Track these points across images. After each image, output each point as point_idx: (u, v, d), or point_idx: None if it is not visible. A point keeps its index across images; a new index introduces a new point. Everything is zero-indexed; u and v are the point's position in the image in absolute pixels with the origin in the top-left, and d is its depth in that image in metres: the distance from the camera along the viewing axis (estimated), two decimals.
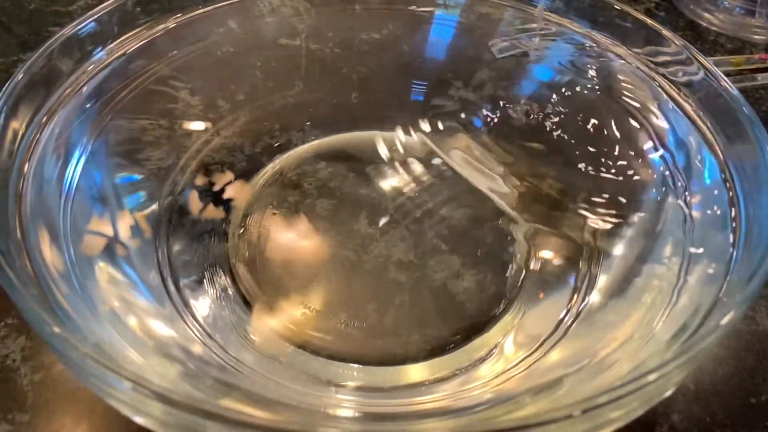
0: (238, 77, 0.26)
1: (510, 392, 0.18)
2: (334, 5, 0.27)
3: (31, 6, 0.36)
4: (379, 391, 0.19)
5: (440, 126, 0.27)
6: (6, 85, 0.18)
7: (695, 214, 0.20)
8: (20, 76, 0.19)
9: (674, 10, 0.38)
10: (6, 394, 0.20)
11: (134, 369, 0.14)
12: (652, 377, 0.13)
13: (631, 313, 0.19)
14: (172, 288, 0.20)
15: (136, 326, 0.18)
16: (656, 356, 0.16)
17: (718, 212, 0.19)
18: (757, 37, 0.36)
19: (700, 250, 0.19)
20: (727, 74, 0.21)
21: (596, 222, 0.23)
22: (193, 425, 0.13)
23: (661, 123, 0.22)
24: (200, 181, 0.24)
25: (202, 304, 0.21)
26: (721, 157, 0.20)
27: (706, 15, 0.38)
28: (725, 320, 0.15)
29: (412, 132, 0.27)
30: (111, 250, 0.20)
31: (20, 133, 0.18)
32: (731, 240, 0.17)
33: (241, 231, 0.23)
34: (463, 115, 0.27)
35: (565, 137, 0.25)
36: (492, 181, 0.25)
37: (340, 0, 0.27)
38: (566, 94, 0.26)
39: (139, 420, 0.14)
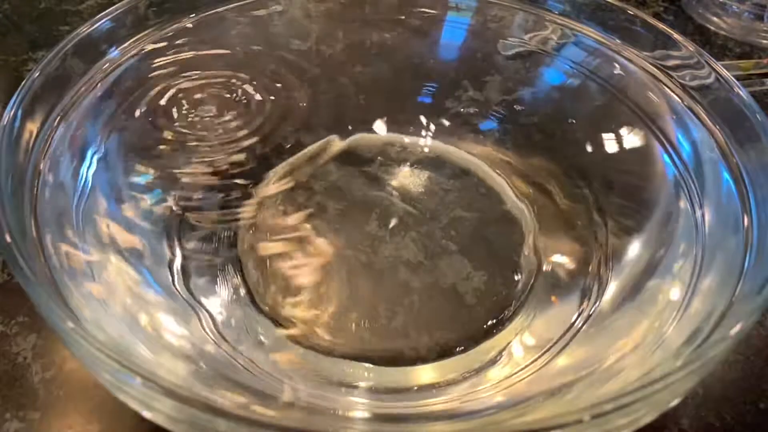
0: (249, 78, 0.26)
1: (519, 396, 0.18)
2: (344, 7, 0.27)
3: (41, 5, 0.36)
4: (389, 393, 0.19)
5: (450, 128, 0.27)
6: (22, 83, 0.19)
7: (707, 219, 0.20)
8: (36, 74, 0.19)
9: (682, 14, 0.38)
10: (17, 392, 0.20)
11: (145, 365, 0.14)
12: (661, 385, 0.13)
13: (642, 318, 0.19)
14: (183, 287, 0.20)
15: (148, 324, 0.18)
16: (666, 363, 0.16)
17: (730, 218, 0.19)
18: (765, 41, 0.36)
19: (712, 257, 0.19)
20: (736, 79, 0.21)
21: (607, 226, 0.23)
22: (202, 422, 0.13)
23: (673, 127, 0.22)
24: (211, 181, 0.24)
25: (214, 303, 0.21)
26: (734, 163, 0.20)
27: (715, 19, 0.38)
28: (735, 330, 0.14)
29: (423, 134, 0.27)
30: (124, 248, 0.20)
31: (35, 131, 0.18)
32: (743, 246, 0.17)
33: (252, 231, 0.23)
34: (473, 118, 0.27)
35: (576, 141, 0.25)
36: (502, 183, 0.25)
37: (351, 1, 0.27)
38: (577, 97, 0.26)
39: (149, 416, 0.14)
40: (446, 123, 0.27)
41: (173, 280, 0.21)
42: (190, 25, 0.24)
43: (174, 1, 0.24)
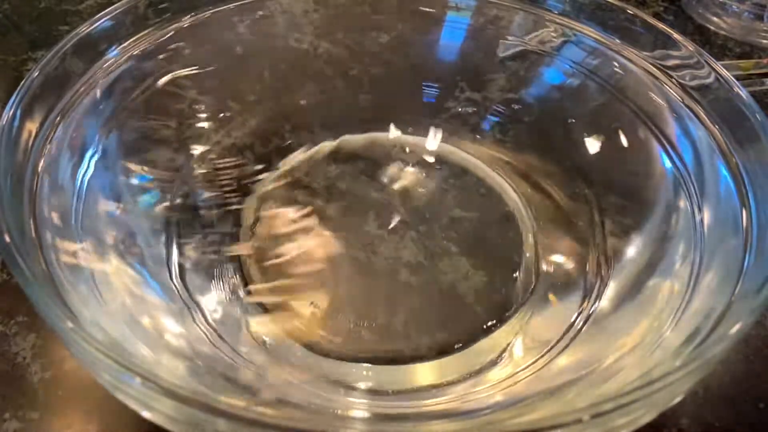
0: (249, 78, 0.26)
1: (518, 396, 0.18)
2: (344, 6, 0.27)
3: (41, 5, 0.36)
4: (388, 393, 0.19)
5: (450, 128, 0.27)
6: (22, 83, 0.19)
7: (706, 219, 0.20)
8: (36, 74, 0.19)
9: (682, 14, 0.38)
10: (16, 392, 0.20)
11: (145, 365, 0.14)
12: (660, 385, 0.13)
13: (641, 318, 0.19)
14: (182, 287, 0.20)
15: (147, 323, 0.18)
16: (665, 363, 0.16)
17: (730, 218, 0.19)
18: (765, 41, 0.36)
19: (712, 256, 0.19)
20: (736, 78, 0.21)
21: (607, 226, 0.23)
22: (202, 422, 0.13)
23: (673, 127, 0.22)
24: (211, 181, 0.24)
25: (213, 303, 0.21)
26: (733, 163, 0.20)
27: (715, 19, 0.38)
28: (735, 330, 0.14)
29: (423, 134, 0.27)
30: (123, 248, 0.20)
31: (35, 131, 0.18)
32: (743, 246, 0.17)
33: (251, 232, 0.23)
34: (472, 118, 0.27)
35: (576, 141, 0.25)
36: (502, 183, 0.25)
37: (351, 1, 0.27)
38: (576, 97, 0.26)
39: (148, 416, 0.14)
40: (446, 123, 0.27)
41: (172, 280, 0.21)
42: (190, 25, 0.24)
43: (174, 1, 0.24)
